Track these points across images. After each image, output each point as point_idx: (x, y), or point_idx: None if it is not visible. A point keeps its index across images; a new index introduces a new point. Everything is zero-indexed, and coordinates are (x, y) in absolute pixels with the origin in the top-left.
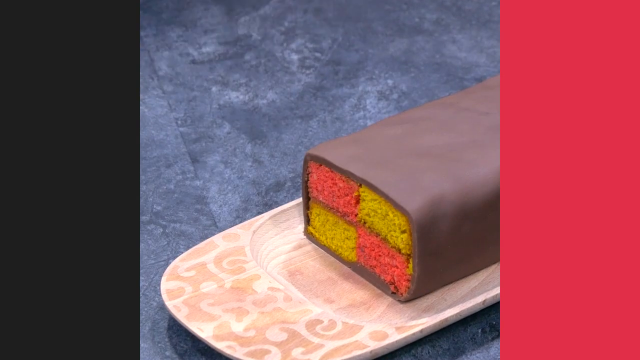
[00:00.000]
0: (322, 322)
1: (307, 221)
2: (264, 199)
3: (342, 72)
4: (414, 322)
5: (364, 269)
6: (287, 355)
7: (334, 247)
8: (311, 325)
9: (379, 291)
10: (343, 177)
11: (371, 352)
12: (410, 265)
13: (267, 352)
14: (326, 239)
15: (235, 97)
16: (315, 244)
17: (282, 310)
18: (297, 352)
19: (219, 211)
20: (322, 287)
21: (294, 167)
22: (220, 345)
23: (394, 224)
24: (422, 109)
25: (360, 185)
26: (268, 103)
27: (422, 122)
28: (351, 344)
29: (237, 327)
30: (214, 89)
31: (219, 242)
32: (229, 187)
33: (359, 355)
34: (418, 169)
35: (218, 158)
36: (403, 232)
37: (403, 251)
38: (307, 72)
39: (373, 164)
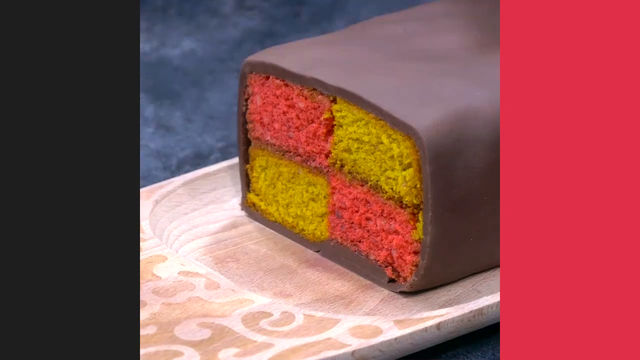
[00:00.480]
0: (269, 315)
1: (247, 185)
2: (173, 175)
3: (306, 14)
4: (426, 314)
5: (341, 250)
6: (210, 359)
7: (291, 220)
8: (252, 319)
9: (367, 281)
10: (306, 91)
11: (354, 353)
12: (420, 225)
13: (178, 354)
14: (277, 209)
15: None
16: (261, 222)
17: (203, 301)
18: (227, 353)
19: None
20: (270, 278)
21: (225, 134)
22: None
23: (392, 155)
24: (433, 5)
25: (333, 101)
26: (182, 54)
27: (436, 19)
28: (320, 343)
29: None
30: None
31: None
32: None
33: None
34: (430, 74)
35: None
36: (407, 166)
37: (407, 200)
38: (249, 14)
39: (356, 68)
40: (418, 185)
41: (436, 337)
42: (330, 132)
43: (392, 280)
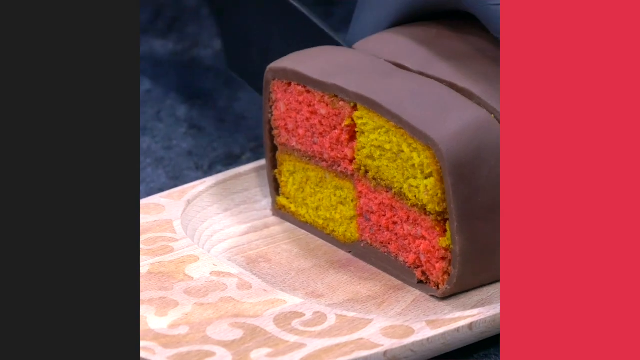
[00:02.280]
0: (302, 315)
1: (276, 188)
2: (206, 175)
3: (338, 15)
4: (458, 314)
5: (371, 251)
6: (242, 359)
7: (321, 222)
8: (284, 319)
9: (399, 282)
10: (327, 98)
11: (386, 353)
12: (448, 234)
13: (210, 354)
14: (307, 211)
15: (161, 45)
16: (292, 222)
17: (235, 301)
18: (259, 354)
19: None
20: (302, 278)
21: (257, 134)
22: None
23: (413, 164)
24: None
25: (354, 107)
26: (215, 54)
27: (459, 27)
28: (352, 343)
29: (159, 323)
30: None
31: None
32: (149, 161)
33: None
34: (459, 78)
35: None
36: (428, 175)
37: (430, 208)
38: None
39: (376, 75)
40: (439, 195)
41: (468, 337)
42: (352, 138)
43: (422, 282)
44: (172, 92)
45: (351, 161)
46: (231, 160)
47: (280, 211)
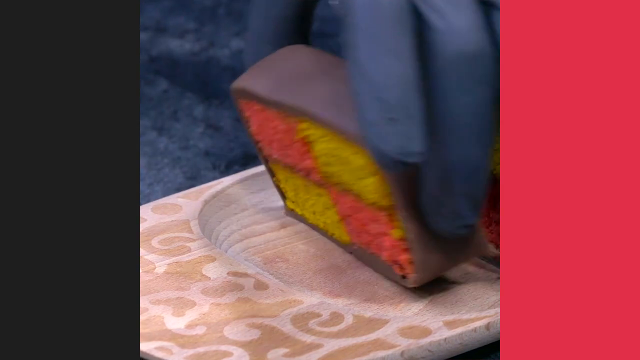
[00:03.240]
0: (319, 315)
1: (282, 193)
2: (223, 175)
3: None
4: (475, 315)
5: (363, 252)
6: (259, 359)
7: (322, 225)
8: (301, 319)
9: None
10: (278, 113)
11: (403, 354)
12: (399, 224)
13: (227, 354)
14: (309, 214)
15: (178, 45)
16: (306, 224)
17: (252, 301)
18: (276, 354)
19: (148, 191)
20: (320, 278)
21: None
22: (146, 347)
23: (358, 166)
24: None
25: (300, 120)
26: (232, 54)
27: None
28: (369, 343)
29: (175, 323)
30: (143, 36)
31: (147, 215)
32: (165, 161)
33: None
34: None
35: (147, 123)
36: (373, 174)
37: (382, 205)
38: None
39: (301, 80)
40: (386, 190)
41: (485, 338)
42: (308, 148)
43: (403, 277)
44: (189, 92)
45: (316, 169)
46: (248, 160)
47: (292, 212)
